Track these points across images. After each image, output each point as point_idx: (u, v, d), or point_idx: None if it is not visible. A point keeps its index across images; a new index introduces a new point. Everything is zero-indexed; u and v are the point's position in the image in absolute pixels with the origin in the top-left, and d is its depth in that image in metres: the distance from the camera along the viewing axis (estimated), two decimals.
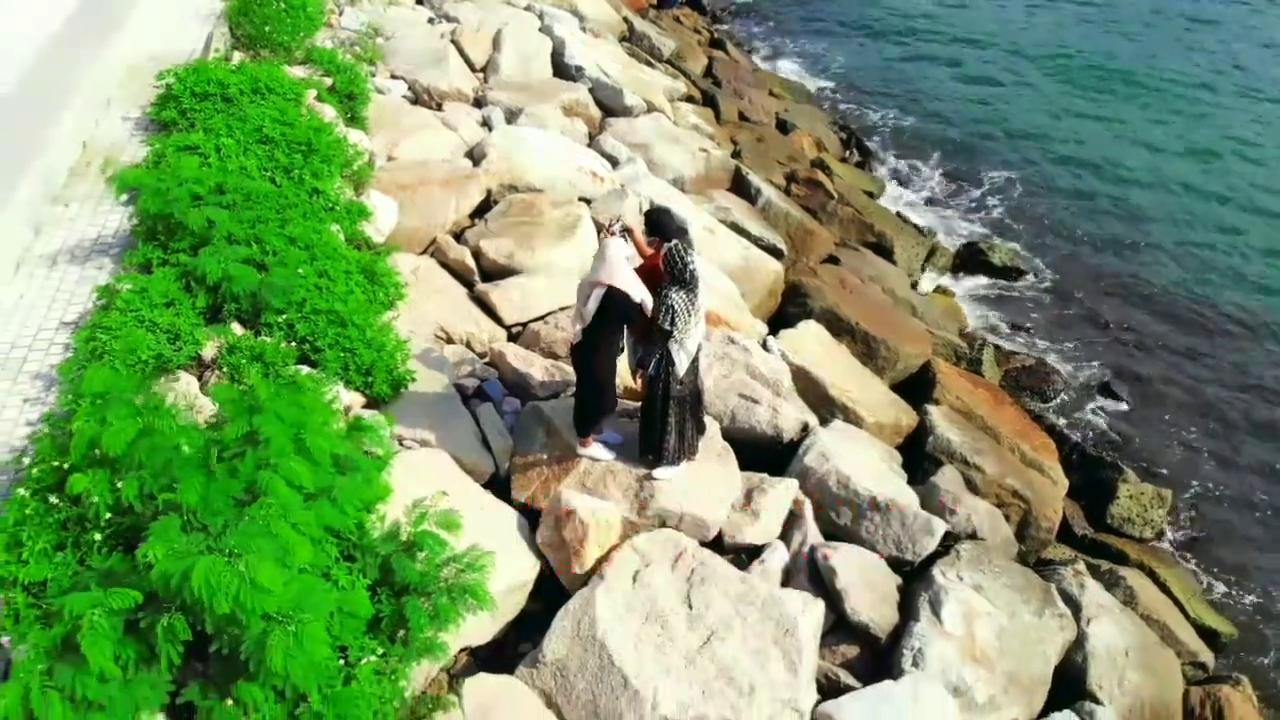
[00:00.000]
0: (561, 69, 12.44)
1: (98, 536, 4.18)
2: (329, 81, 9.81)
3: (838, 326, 9.66)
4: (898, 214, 15.06)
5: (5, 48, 10.16)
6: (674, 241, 5.69)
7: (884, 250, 12.94)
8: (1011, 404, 10.52)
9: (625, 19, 16.60)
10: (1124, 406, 11.91)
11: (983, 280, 14.09)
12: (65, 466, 4.29)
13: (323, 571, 4.25)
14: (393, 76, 11.13)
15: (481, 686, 4.77)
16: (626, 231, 5.95)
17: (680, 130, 12.33)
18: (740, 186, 12.11)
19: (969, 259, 14.26)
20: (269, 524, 3.87)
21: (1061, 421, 11.35)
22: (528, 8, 14.04)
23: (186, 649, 4.01)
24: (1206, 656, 8.15)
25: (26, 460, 4.90)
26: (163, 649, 3.66)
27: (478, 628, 5.11)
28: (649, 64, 14.97)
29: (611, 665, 4.85)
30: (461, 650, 5.17)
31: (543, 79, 11.98)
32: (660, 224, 5.95)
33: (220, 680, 3.94)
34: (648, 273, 5.81)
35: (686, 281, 5.60)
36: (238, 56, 10.12)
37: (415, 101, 10.81)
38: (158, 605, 3.71)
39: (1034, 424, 10.28)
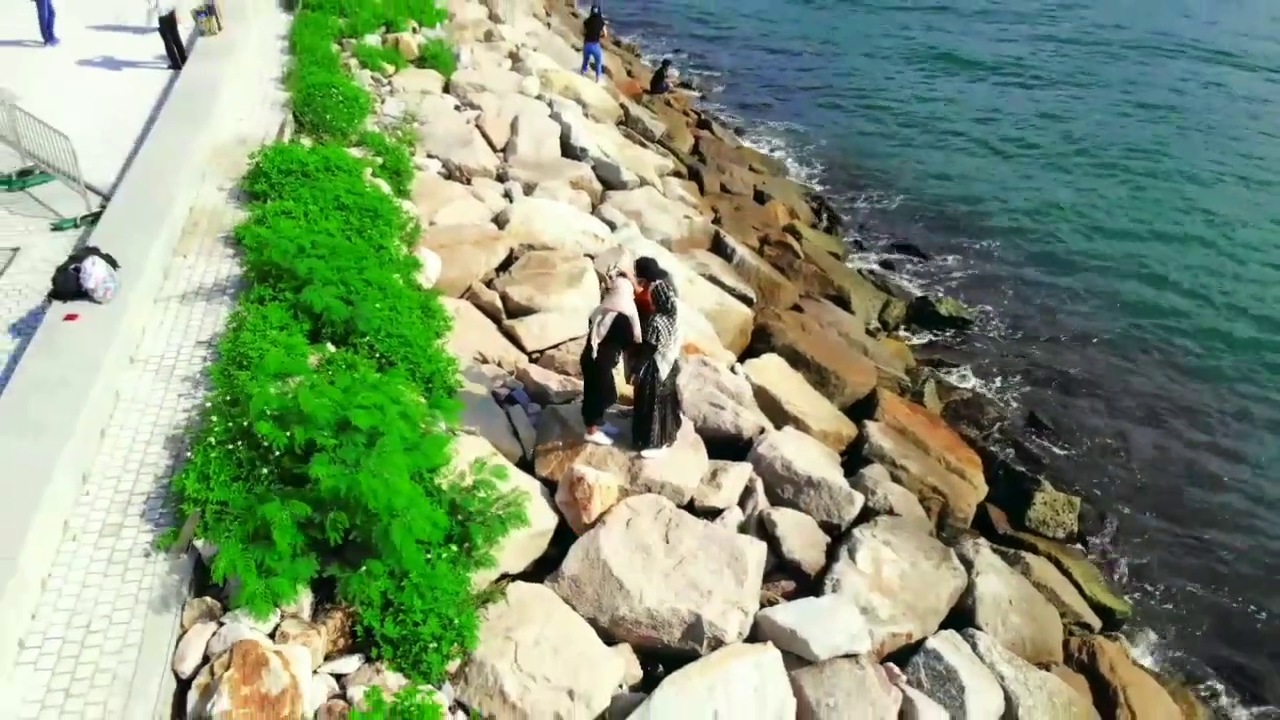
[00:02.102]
0: (568, 149, 14.82)
1: (265, 470, 6.20)
2: (380, 160, 12.08)
3: (796, 359, 11.76)
4: (859, 271, 17.36)
5: (121, 130, 12.51)
6: (659, 281, 7.82)
7: (843, 301, 15.12)
8: (945, 427, 12.54)
9: (622, 105, 19.10)
10: (1047, 432, 13.95)
11: (932, 328, 16.28)
12: (245, 424, 6.32)
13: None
14: (429, 156, 13.43)
15: (519, 589, 6.72)
16: (622, 275, 8.08)
17: (668, 201, 14.63)
18: (718, 247, 14.35)
19: (920, 310, 16.45)
20: (390, 457, 5.89)
21: (991, 443, 13.36)
22: (538, 96, 16.50)
23: (322, 549, 5.99)
24: (1094, 621, 10.05)
25: (188, 435, 6.94)
26: (330, 534, 5.64)
27: (515, 559, 7.09)
28: (642, 144, 17.39)
29: (611, 575, 6.81)
30: (503, 576, 7.10)
31: (553, 158, 14.33)
32: (648, 269, 8.07)
33: (353, 561, 5.92)
34: (639, 304, 7.92)
35: (668, 310, 7.71)
36: (305, 140, 12.42)
37: (449, 176, 13.09)
38: (322, 509, 5.71)
39: (963, 443, 12.27)
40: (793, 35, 34.70)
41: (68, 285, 8.02)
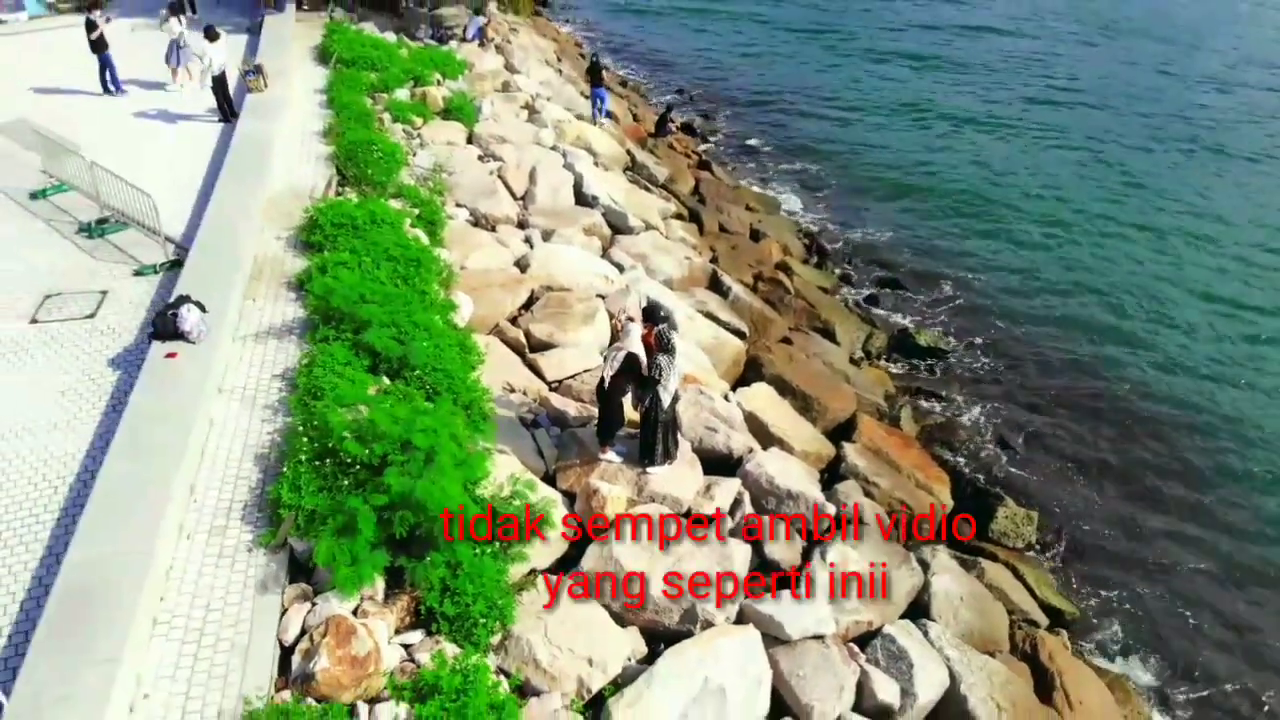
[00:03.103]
0: (581, 197, 16.43)
1: (345, 482, 7.71)
2: (417, 211, 13.66)
3: (783, 388, 13.27)
4: (846, 304, 18.92)
5: (183, 180, 14.15)
6: (662, 325, 9.35)
7: (829, 334, 16.66)
8: (918, 449, 14.02)
9: (629, 151, 20.74)
10: (1014, 453, 15.43)
11: (912, 358, 17.79)
12: (328, 444, 7.85)
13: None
14: (458, 205, 15.03)
15: (547, 580, 8.22)
16: (632, 320, 9.62)
17: (670, 243, 16.22)
18: (715, 284, 15.92)
19: (901, 341, 17.98)
20: (445, 471, 7.41)
21: (961, 463, 14.87)
22: (553, 147, 18.15)
23: (390, 545, 7.49)
24: (1041, 619, 11.48)
25: (274, 453, 8.46)
26: (397, 529, 7.15)
27: (543, 556, 8.57)
28: (647, 188, 19.02)
29: (622, 569, 8.30)
30: (532, 570, 8.57)
31: (568, 206, 15.94)
32: (653, 315, 9.60)
33: (417, 555, 7.42)
34: (645, 344, 9.45)
35: (669, 350, 9.23)
36: (349, 192, 14.04)
37: (476, 224, 14.68)
38: (392, 509, 7.23)
39: (933, 463, 13.75)
40: (791, 76, 36.48)
41: (167, 328, 9.58)
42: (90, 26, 17.68)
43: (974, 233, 23.68)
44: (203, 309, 9.91)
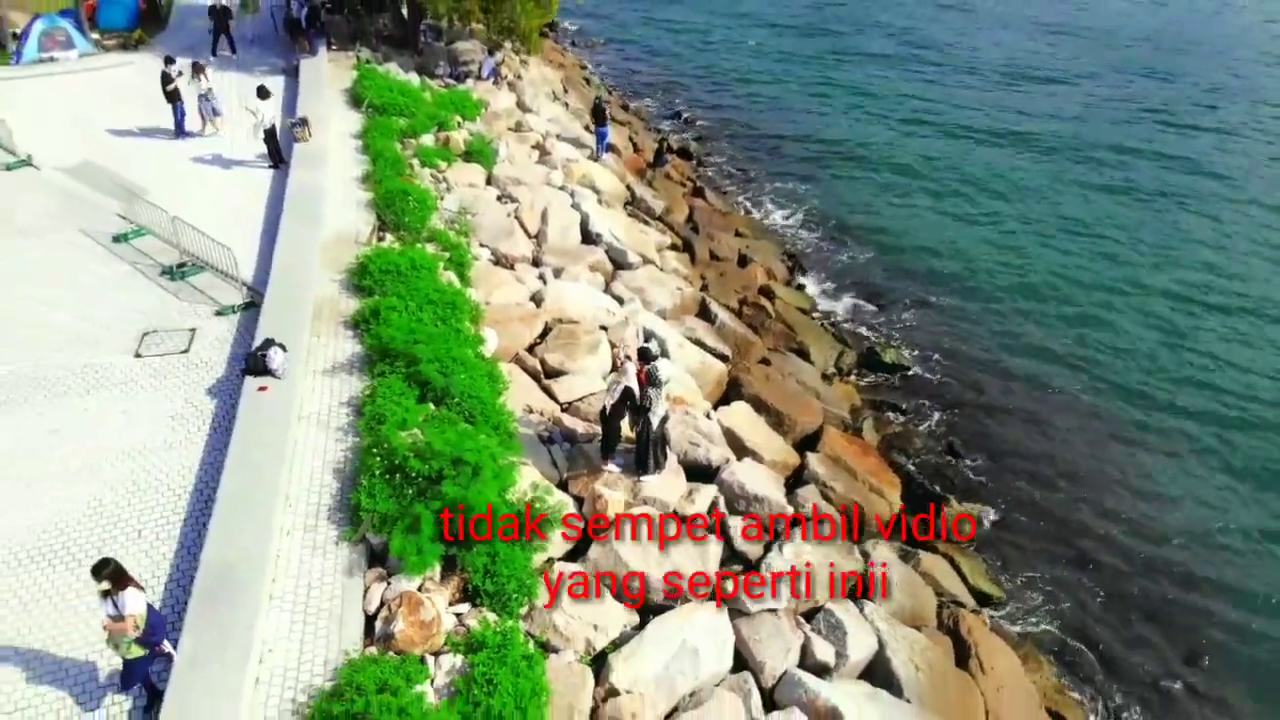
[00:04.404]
0: (587, 235, 18.78)
1: (410, 490, 10.10)
2: (448, 255, 16.01)
3: (759, 405, 15.62)
4: (822, 324, 21.27)
5: (245, 224, 16.50)
6: (652, 363, 11.71)
7: (804, 353, 19.02)
8: (876, 456, 16.38)
9: (628, 186, 23.07)
10: (962, 459, 17.78)
11: (878, 373, 20.12)
12: (395, 461, 10.23)
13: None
14: (481, 245, 17.38)
15: (561, 566, 10.60)
16: (629, 359, 12.00)
17: (665, 275, 18.58)
18: (704, 312, 18.27)
19: (868, 358, 20.34)
20: (488, 482, 9.80)
21: (914, 468, 17.21)
22: (561, 187, 20.49)
23: (444, 540, 9.87)
24: (968, 601, 13.83)
25: (348, 468, 10.84)
26: (453, 525, 9.55)
27: (558, 547, 10.94)
28: (645, 221, 21.36)
29: (620, 559, 10.68)
30: (549, 559, 10.94)
31: (575, 245, 18.30)
32: (645, 355, 11.96)
33: (465, 546, 9.82)
34: (638, 379, 11.81)
35: (657, 385, 11.59)
36: (389, 236, 16.40)
37: (497, 263, 17.04)
38: (447, 511, 9.62)
39: (887, 468, 16.10)
40: (783, 97, 38.75)
41: (258, 366, 11.96)
42: (166, 79, 20.03)
43: (949, 251, 26.02)
44: (284, 349, 12.29)
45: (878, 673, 11.02)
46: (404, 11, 26.75)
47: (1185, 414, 19.65)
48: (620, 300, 16.73)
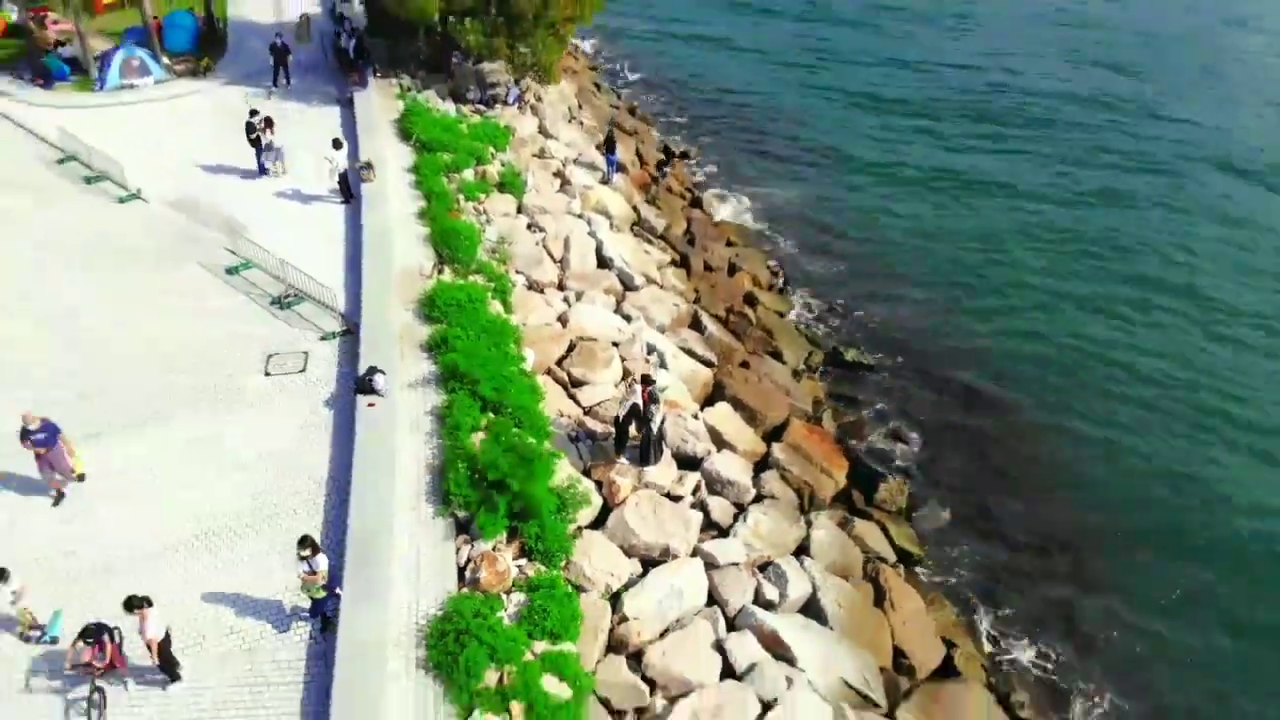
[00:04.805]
0: (601, 260, 23.01)
1: (486, 482, 14.61)
2: (493, 286, 20.28)
3: (737, 404, 20.01)
4: (796, 327, 25.57)
5: (333, 262, 20.79)
6: (653, 387, 16.10)
7: (777, 355, 23.36)
8: (831, 442, 20.79)
9: (635, 207, 27.21)
10: (904, 443, 22.19)
11: (841, 370, 24.47)
12: (472, 459, 14.71)
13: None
14: (516, 272, 21.64)
15: (588, 534, 15.14)
16: (637, 382, 16.42)
17: (664, 292, 22.86)
18: (695, 323, 22.57)
19: (833, 357, 24.67)
20: (541, 477, 14.30)
21: (862, 451, 21.62)
22: (580, 215, 24.66)
23: (511, 515, 14.39)
24: (891, 557, 18.34)
25: (434, 462, 15.35)
26: (515, 507, 14.08)
27: (585, 518, 15.46)
28: (649, 240, 25.56)
29: (629, 527, 15.21)
30: (579, 527, 15.44)
31: (592, 270, 22.54)
32: (648, 380, 16.32)
33: (524, 519, 14.35)
34: (643, 397, 16.19)
35: (656, 402, 16.00)
36: (445, 268, 20.68)
37: (530, 288, 21.32)
38: (513, 498, 14.14)
39: (839, 453, 20.49)
40: (781, 102, 42.43)
41: (366, 387, 16.38)
42: (250, 129, 24.19)
43: (912, 259, 30.17)
44: (384, 373, 16.71)
45: (811, 609, 15.58)
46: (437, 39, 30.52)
47: (1107, 412, 23.91)
48: (628, 318, 21.07)
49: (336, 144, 22.98)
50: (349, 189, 23.34)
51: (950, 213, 33.36)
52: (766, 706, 13.20)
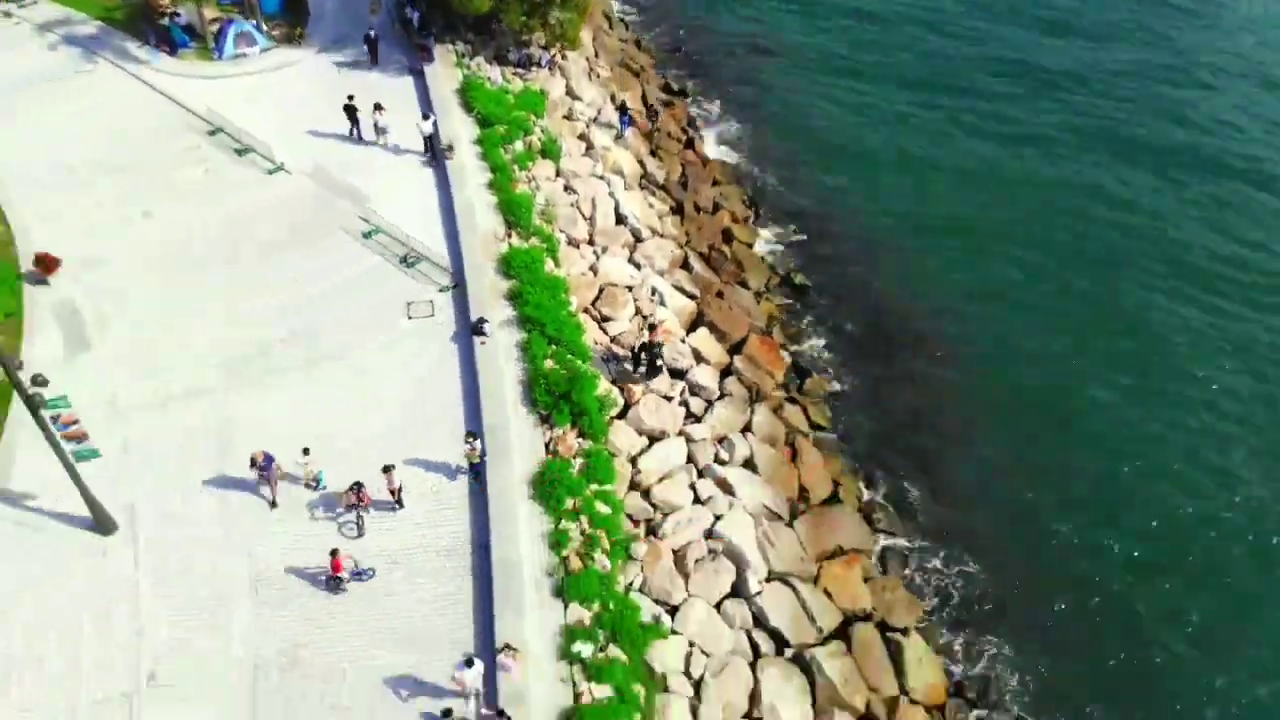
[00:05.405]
0: (619, 217, 32.22)
1: (558, 392, 24.92)
2: (545, 246, 29.69)
3: (712, 328, 29.97)
4: (762, 258, 35.04)
5: (437, 233, 30.25)
6: (656, 332, 26.06)
7: (745, 283, 33.03)
8: (775, 349, 30.92)
9: (641, 161, 35.94)
10: (834, 348, 32.22)
11: (790, 292, 34.14)
12: (550, 380, 24.95)
13: None
14: (559, 231, 30.96)
15: (617, 423, 25.60)
16: (652, 329, 26.41)
17: (664, 240, 32.26)
18: (685, 264, 32.11)
19: (785, 281, 34.32)
20: (588, 388, 24.64)
21: (801, 354, 31.70)
22: (601, 177, 33.58)
23: (573, 415, 24.78)
24: (807, 431, 28.92)
25: (521, 379, 25.61)
26: (576, 408, 24.52)
27: (614, 412, 25.87)
28: (653, 192, 34.57)
29: (640, 418, 25.63)
30: (611, 417, 25.78)
31: (612, 226, 31.81)
32: (652, 328, 26.20)
33: (580, 416, 24.78)
34: (650, 341, 26.12)
35: (660, 346, 26.02)
36: (513, 234, 30.10)
37: (569, 244, 30.73)
38: (574, 406, 24.54)
39: (780, 358, 30.67)
40: (780, 41, 49.30)
41: (477, 329, 26.34)
42: (350, 111, 32.77)
43: (871, 194, 38.83)
44: (487, 320, 26.60)
45: (749, 465, 26.20)
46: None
47: (996, 322, 33.72)
48: (638, 266, 30.65)
49: (425, 115, 32.00)
50: (435, 151, 32.31)
51: (921, 151, 41.21)
52: (717, 518, 24.04)
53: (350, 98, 33.23)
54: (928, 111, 43.90)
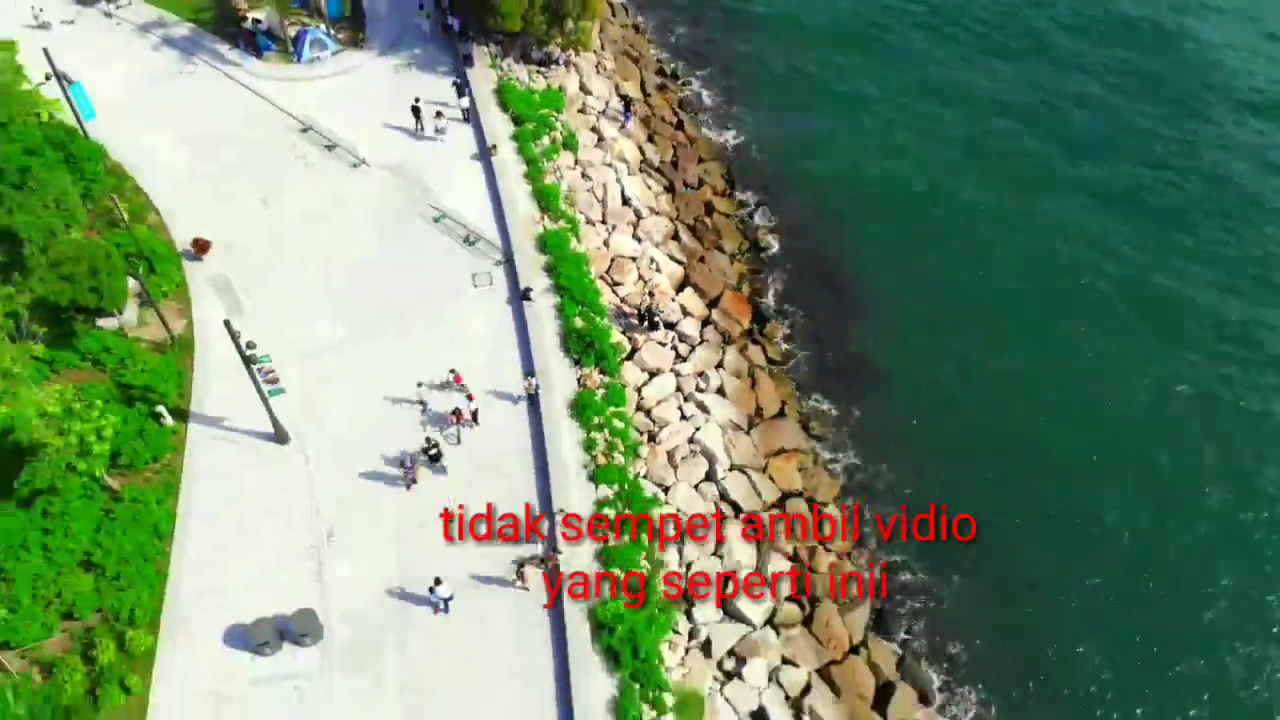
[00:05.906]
0: (625, 200, 42.06)
1: (587, 339, 35.58)
2: (569, 227, 39.66)
3: (696, 288, 40.29)
4: (736, 224, 45.01)
5: (489, 216, 40.32)
6: (659, 314, 36.48)
7: (722, 249, 43.14)
8: (744, 300, 41.38)
9: (640, 148, 45.42)
10: (796, 297, 42.56)
11: (758, 252, 44.20)
12: (580, 333, 35.56)
13: None
14: (580, 213, 40.88)
15: (626, 364, 36.35)
16: (650, 296, 36.80)
17: (659, 217, 42.24)
18: (676, 236, 42.14)
19: (754, 244, 44.39)
20: (605, 336, 35.28)
21: (764, 302, 42.07)
22: (609, 164, 43.22)
23: (596, 358, 35.50)
24: (765, 365, 39.61)
25: (558, 332, 36.22)
26: (598, 353, 35.30)
27: (625, 354, 36.58)
28: (650, 174, 44.23)
29: (643, 359, 36.37)
30: (623, 358, 36.43)
31: (619, 207, 41.69)
32: (651, 294, 36.56)
33: (602, 358, 35.53)
34: (649, 308, 36.49)
35: (659, 312, 36.46)
36: (546, 219, 40.11)
37: (587, 223, 40.72)
38: (599, 351, 35.27)
39: (747, 306, 41.13)
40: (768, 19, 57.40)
41: (526, 295, 36.71)
42: (415, 111, 42.15)
43: (845, 160, 48.37)
44: (531, 289, 36.93)
45: (720, 391, 36.98)
46: None
47: (935, 270, 43.93)
48: (639, 240, 40.74)
49: (460, 94, 41.85)
50: (472, 118, 42.02)
51: (891, 122, 50.17)
52: (697, 429, 34.98)
53: (416, 100, 42.50)
54: (896, 94, 52.64)
